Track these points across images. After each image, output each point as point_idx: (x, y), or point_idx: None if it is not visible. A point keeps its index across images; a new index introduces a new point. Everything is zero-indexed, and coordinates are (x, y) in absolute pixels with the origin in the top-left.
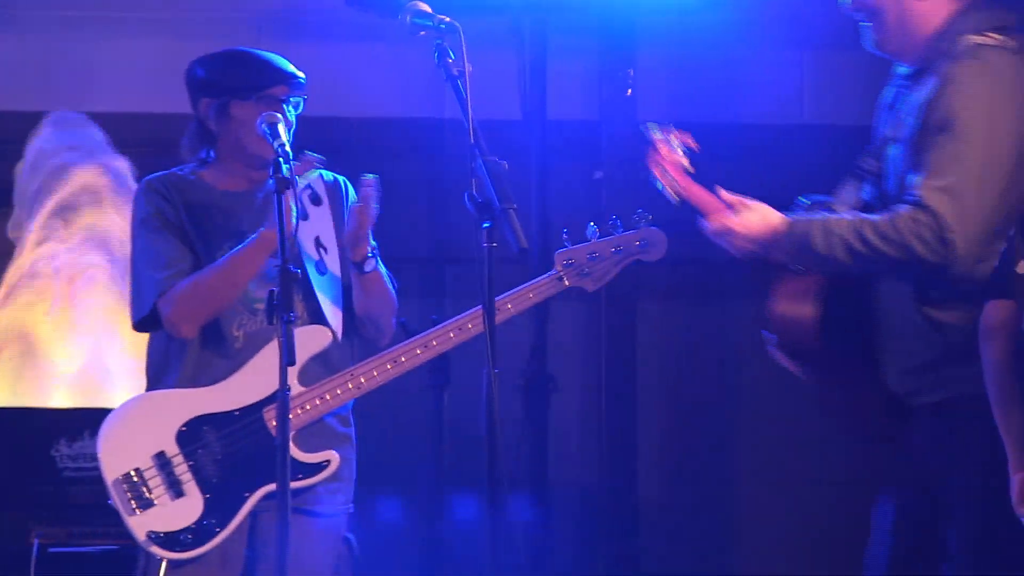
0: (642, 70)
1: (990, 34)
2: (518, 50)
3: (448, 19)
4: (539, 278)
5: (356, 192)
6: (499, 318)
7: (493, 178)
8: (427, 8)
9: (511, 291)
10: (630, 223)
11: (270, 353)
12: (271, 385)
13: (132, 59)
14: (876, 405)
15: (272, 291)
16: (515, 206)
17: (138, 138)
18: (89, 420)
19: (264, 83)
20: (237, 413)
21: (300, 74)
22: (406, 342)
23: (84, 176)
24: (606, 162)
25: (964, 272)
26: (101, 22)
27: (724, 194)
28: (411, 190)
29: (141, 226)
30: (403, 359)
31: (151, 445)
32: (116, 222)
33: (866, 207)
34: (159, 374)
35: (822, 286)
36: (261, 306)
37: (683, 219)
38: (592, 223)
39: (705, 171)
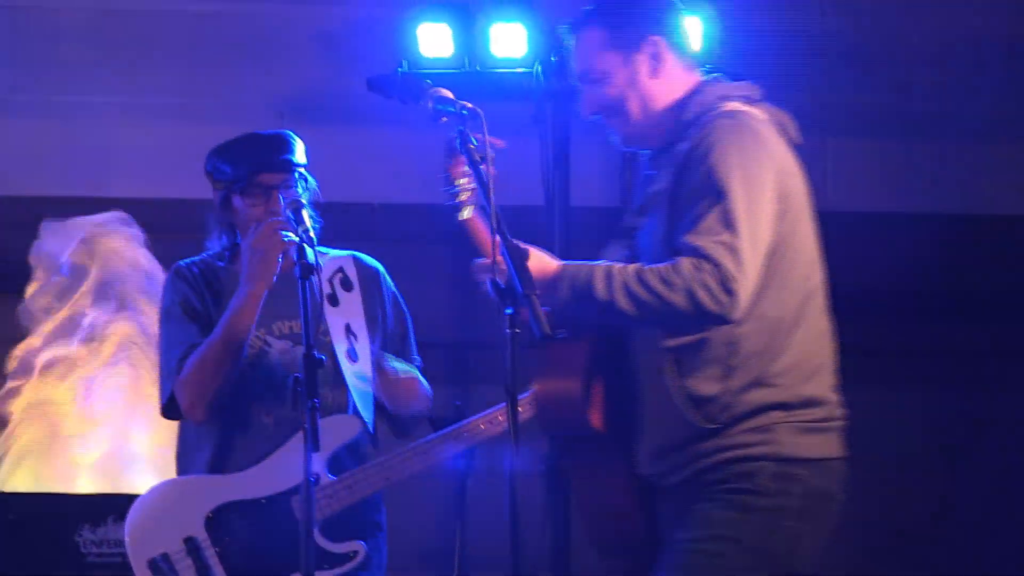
0: None
1: (738, 103)
2: (541, 136)
3: (470, 105)
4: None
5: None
6: (528, 414)
7: (516, 264)
8: (449, 94)
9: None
10: None
11: (298, 441)
12: (299, 473)
13: (154, 143)
14: (623, 492)
15: (296, 377)
16: (538, 292)
17: (162, 223)
18: (113, 506)
19: (251, 171)
20: (264, 501)
21: (296, 158)
22: (436, 434)
23: (114, 260)
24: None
25: (737, 320)
26: (122, 107)
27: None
28: (435, 275)
29: (166, 315)
30: (433, 452)
31: (179, 530)
32: (142, 309)
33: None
34: (189, 459)
35: (589, 355)
36: (285, 392)
37: None
38: None
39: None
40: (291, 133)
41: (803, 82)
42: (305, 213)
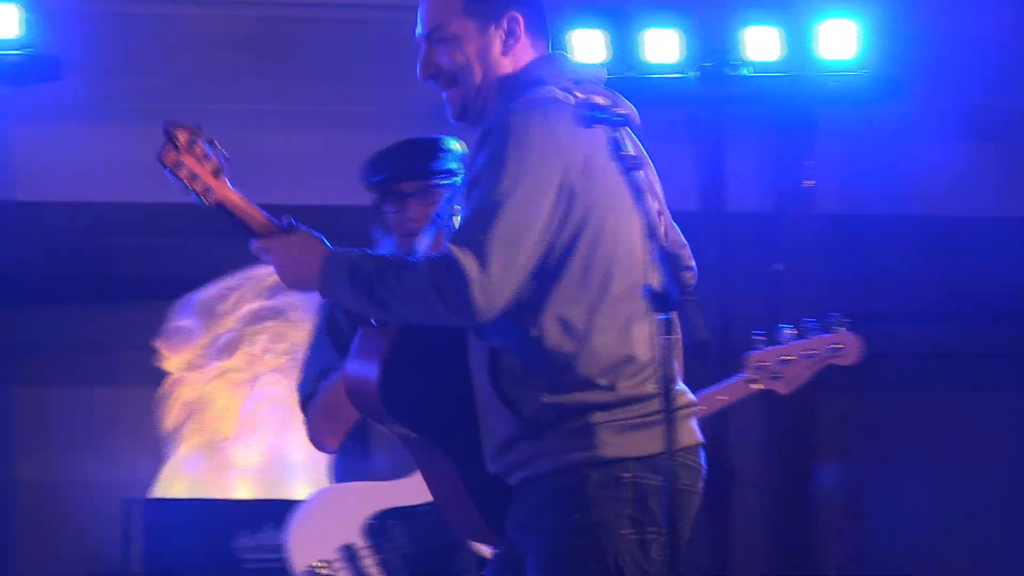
0: (819, 161)
1: (553, 89)
2: (695, 142)
3: (624, 111)
4: (730, 380)
5: None
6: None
7: (671, 269)
8: (603, 100)
9: (702, 391)
10: (825, 325)
11: None
12: None
13: (308, 151)
14: (454, 484)
15: None
16: (695, 297)
17: (317, 230)
18: (271, 512)
19: (390, 178)
20: (423, 508)
21: (444, 164)
22: None
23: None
24: (785, 254)
25: (483, 322)
26: (278, 115)
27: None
28: None
29: (314, 329)
30: None
31: (339, 537)
32: (304, 317)
33: None
34: (345, 467)
35: (397, 343)
36: None
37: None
38: (784, 324)
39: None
40: (448, 139)
41: None
42: (458, 221)
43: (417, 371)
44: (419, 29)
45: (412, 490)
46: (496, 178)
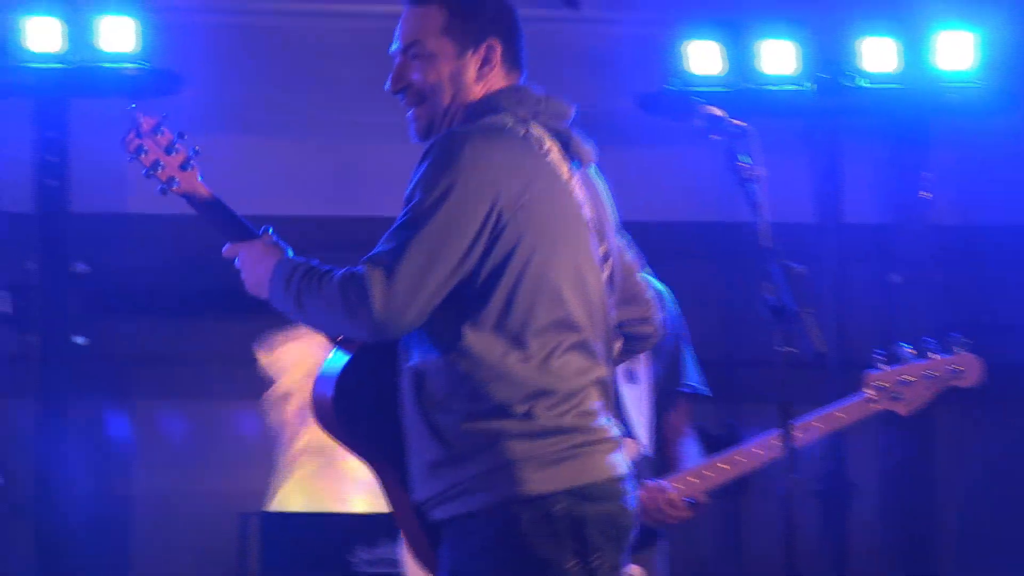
0: (935, 172)
1: (506, 117)
2: (811, 154)
3: (741, 123)
4: (849, 399)
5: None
6: (808, 437)
7: (788, 281)
8: (719, 112)
9: (820, 410)
10: (945, 346)
11: None
12: None
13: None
14: (401, 505)
15: None
16: (812, 309)
17: None
18: (388, 525)
19: None
20: None
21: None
22: (713, 458)
23: None
24: (902, 265)
25: (387, 338)
26: (395, 127)
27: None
28: (702, 293)
29: None
30: (711, 474)
31: None
32: None
33: None
34: None
35: (352, 360)
36: None
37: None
38: (904, 343)
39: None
40: None
41: None
42: None
43: (370, 394)
44: (395, 43)
45: None
46: (424, 196)
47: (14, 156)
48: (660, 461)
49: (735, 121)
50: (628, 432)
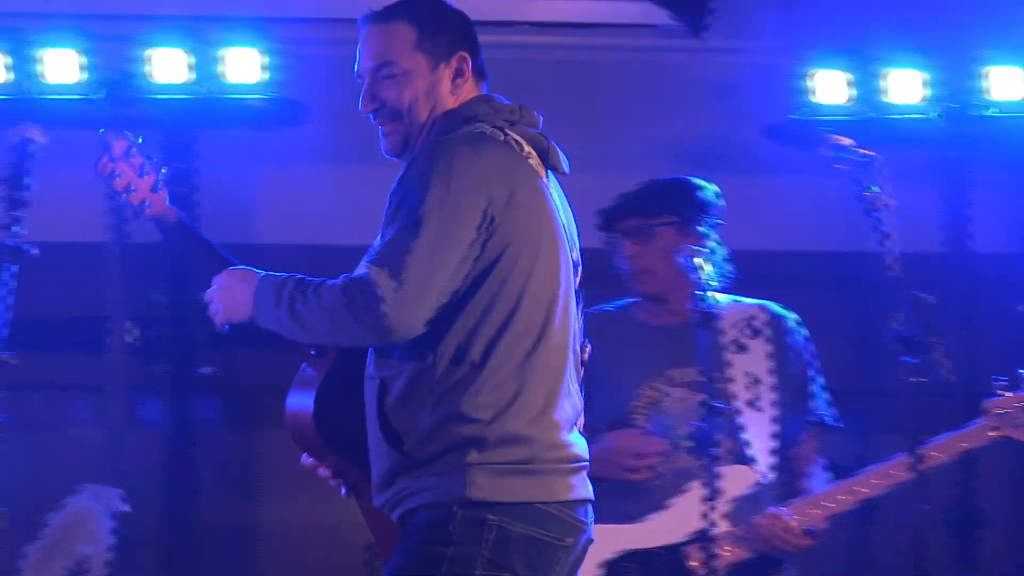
0: None
1: (488, 126)
2: (940, 183)
3: (868, 152)
4: (968, 426)
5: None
6: (928, 465)
7: (917, 311)
8: (847, 141)
9: (939, 438)
10: None
11: (695, 490)
12: (696, 523)
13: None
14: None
15: (697, 426)
16: (940, 339)
17: None
18: None
19: (612, 218)
20: (661, 551)
21: (675, 208)
22: (833, 486)
23: None
24: None
25: (398, 341)
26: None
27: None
28: (831, 322)
29: None
30: (831, 503)
31: None
32: None
33: None
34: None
35: (327, 374)
36: (682, 441)
37: None
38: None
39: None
40: (694, 183)
41: None
42: (703, 261)
43: (349, 401)
44: (364, 63)
45: (652, 533)
46: (420, 202)
47: None
48: (786, 489)
49: (862, 151)
50: (749, 458)
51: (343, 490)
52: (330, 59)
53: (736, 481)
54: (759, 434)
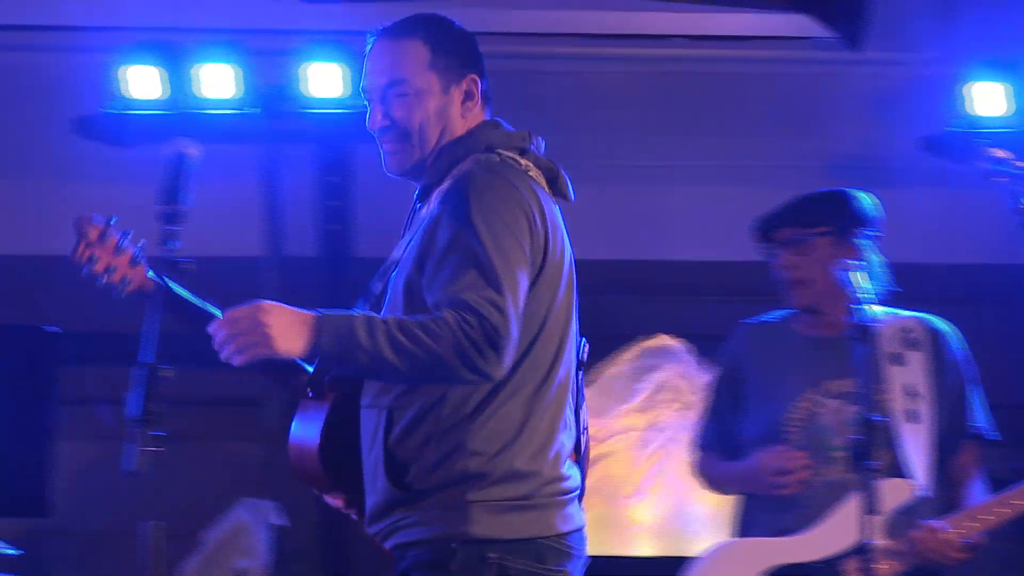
0: None
1: (506, 152)
2: None
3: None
4: None
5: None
6: None
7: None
8: (1005, 154)
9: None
10: None
11: (852, 503)
12: (853, 537)
13: (705, 206)
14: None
15: (854, 439)
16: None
17: (711, 285)
18: (670, 568)
19: (766, 228)
20: (818, 565)
21: (832, 220)
22: (991, 499)
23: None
24: None
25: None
26: (676, 171)
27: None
28: (991, 336)
29: (715, 379)
30: (989, 516)
31: None
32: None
33: None
34: (746, 520)
35: (331, 411)
36: (837, 454)
37: None
38: None
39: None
40: (853, 195)
41: None
42: (860, 273)
43: (354, 438)
44: (375, 80)
45: (809, 546)
46: (483, 240)
47: (298, 200)
48: (944, 502)
49: (1020, 163)
50: (906, 471)
51: (354, 516)
52: (496, 72)
53: (893, 494)
54: (916, 447)
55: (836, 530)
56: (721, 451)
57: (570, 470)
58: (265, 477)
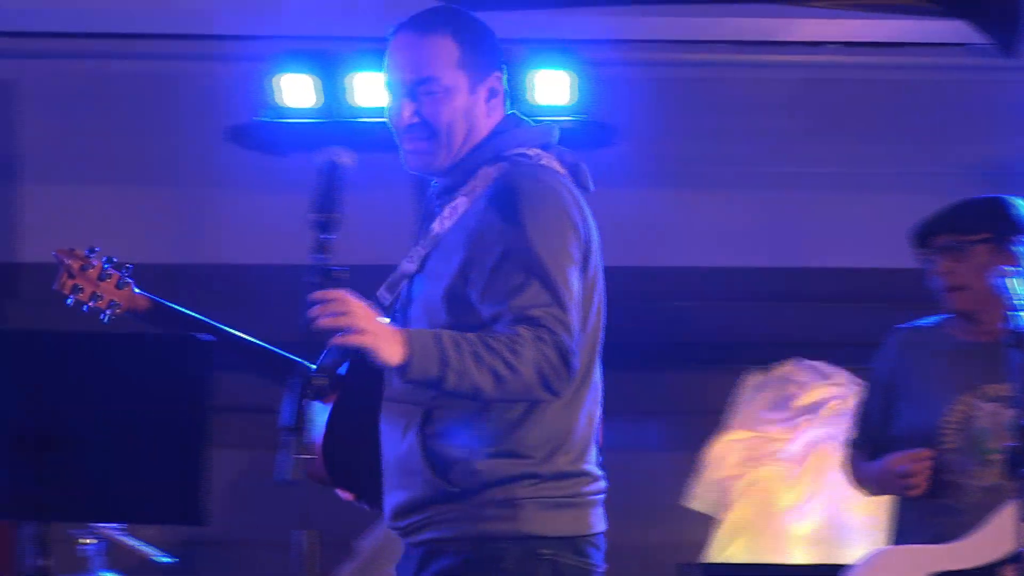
0: None
1: (536, 150)
2: None
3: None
4: None
5: None
6: None
7: None
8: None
9: None
10: None
11: (1009, 510)
12: (1011, 543)
13: (862, 214)
14: None
15: (1010, 445)
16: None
17: (859, 293)
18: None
19: (923, 233)
20: (976, 572)
21: (991, 226)
22: None
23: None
24: None
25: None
26: (832, 178)
27: None
28: None
29: (869, 381)
30: None
31: None
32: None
33: None
34: (899, 528)
35: (333, 411)
36: (994, 457)
37: None
38: None
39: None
40: (1006, 198)
41: None
42: (1017, 280)
43: (355, 437)
44: (403, 75)
45: (966, 553)
46: (542, 252)
47: None
48: None
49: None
50: None
51: (366, 507)
52: (638, 80)
53: None
54: None
55: (993, 536)
56: (871, 452)
57: (599, 469)
58: None
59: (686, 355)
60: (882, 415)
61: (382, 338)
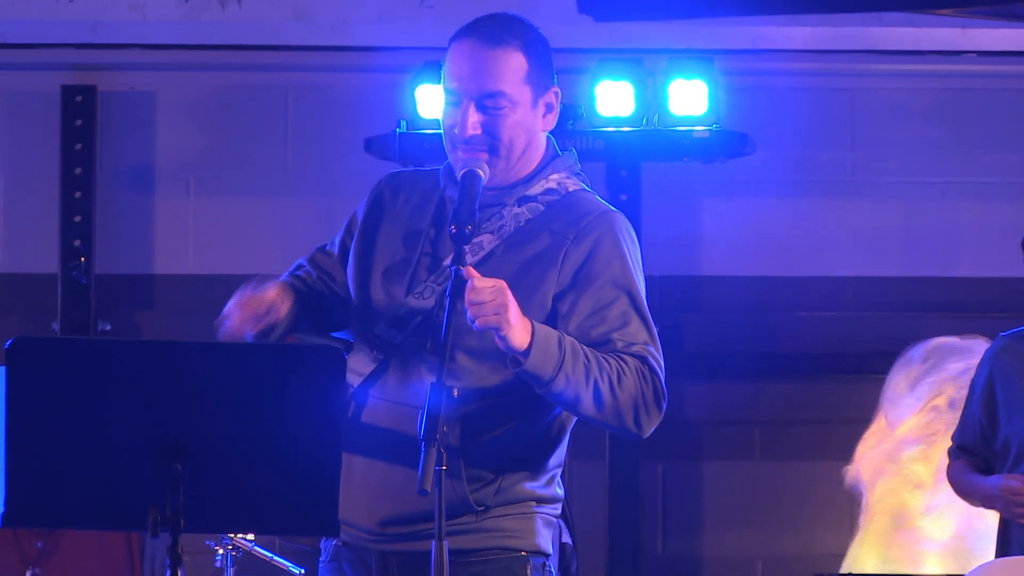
0: None
1: (574, 179)
2: None
3: None
4: None
5: None
6: None
7: None
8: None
9: None
10: None
11: None
12: None
13: (984, 223)
14: None
15: None
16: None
17: (996, 302)
18: None
19: None
20: None
21: None
22: None
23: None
24: None
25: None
26: (960, 188)
27: None
28: None
29: (973, 383)
30: None
31: None
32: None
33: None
34: (1003, 540)
35: None
36: None
37: None
38: None
39: None
40: None
41: None
42: None
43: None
44: (471, 85)
45: None
46: (635, 288)
47: None
48: None
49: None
50: None
51: None
52: (775, 90)
53: None
54: None
55: None
56: (972, 460)
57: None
58: None
59: (837, 365)
60: (984, 423)
61: (513, 324)
